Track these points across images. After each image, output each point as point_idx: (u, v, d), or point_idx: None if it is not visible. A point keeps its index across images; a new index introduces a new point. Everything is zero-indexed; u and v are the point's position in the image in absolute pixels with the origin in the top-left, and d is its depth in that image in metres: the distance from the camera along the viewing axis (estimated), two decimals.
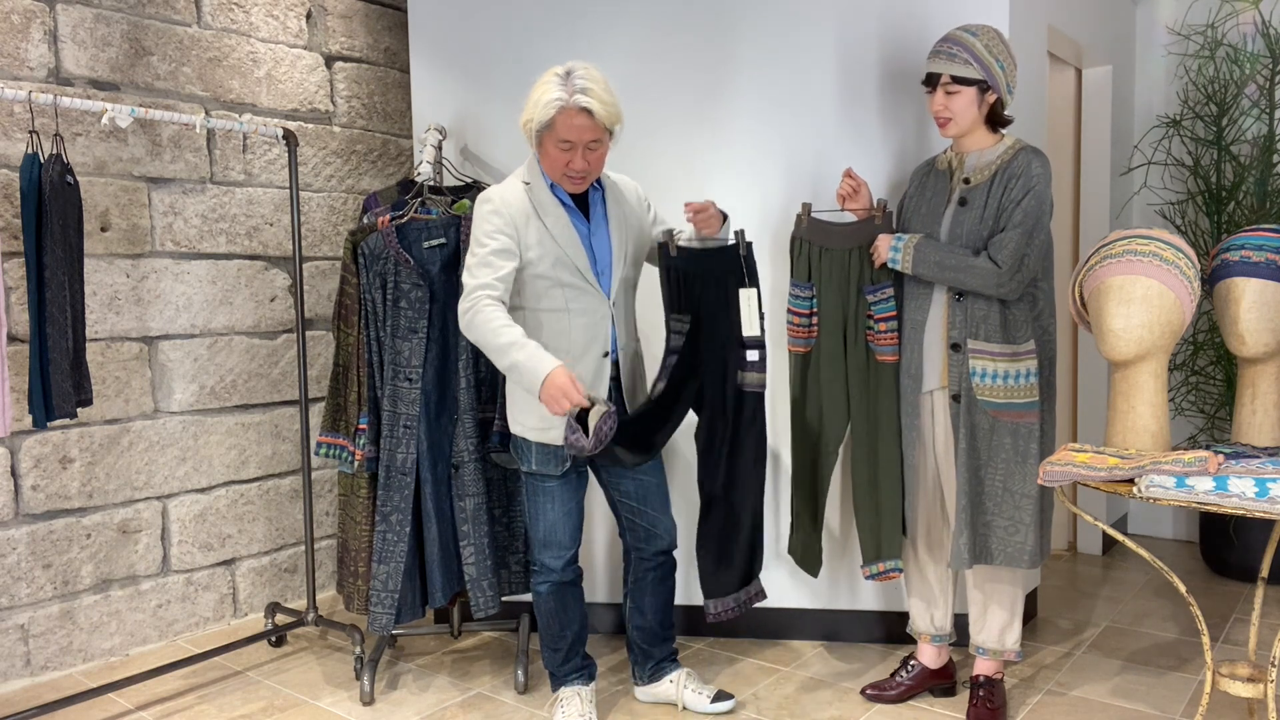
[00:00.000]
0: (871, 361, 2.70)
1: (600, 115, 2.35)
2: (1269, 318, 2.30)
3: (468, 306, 2.38)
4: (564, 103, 2.32)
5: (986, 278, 2.47)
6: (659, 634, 2.78)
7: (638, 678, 2.82)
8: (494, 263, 2.40)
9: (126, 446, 3.23)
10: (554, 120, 2.35)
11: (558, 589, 2.63)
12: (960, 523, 2.55)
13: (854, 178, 2.72)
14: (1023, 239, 2.46)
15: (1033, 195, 2.47)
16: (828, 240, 2.71)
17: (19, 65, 2.94)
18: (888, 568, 2.73)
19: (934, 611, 2.78)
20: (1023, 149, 2.54)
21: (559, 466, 2.54)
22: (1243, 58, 3.99)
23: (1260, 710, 2.56)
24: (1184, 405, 4.23)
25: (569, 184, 2.45)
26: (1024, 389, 2.54)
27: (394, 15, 4.02)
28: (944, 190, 2.62)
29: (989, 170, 2.55)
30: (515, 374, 2.33)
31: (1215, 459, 1.96)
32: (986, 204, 2.52)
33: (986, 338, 2.54)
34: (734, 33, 3.13)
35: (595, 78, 2.37)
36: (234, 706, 2.87)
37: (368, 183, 3.95)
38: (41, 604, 3.04)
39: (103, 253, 3.15)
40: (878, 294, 2.65)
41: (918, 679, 2.80)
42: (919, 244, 2.55)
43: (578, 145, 2.37)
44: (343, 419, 2.98)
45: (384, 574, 2.82)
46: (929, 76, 2.54)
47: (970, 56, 2.48)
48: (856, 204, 2.71)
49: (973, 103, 2.51)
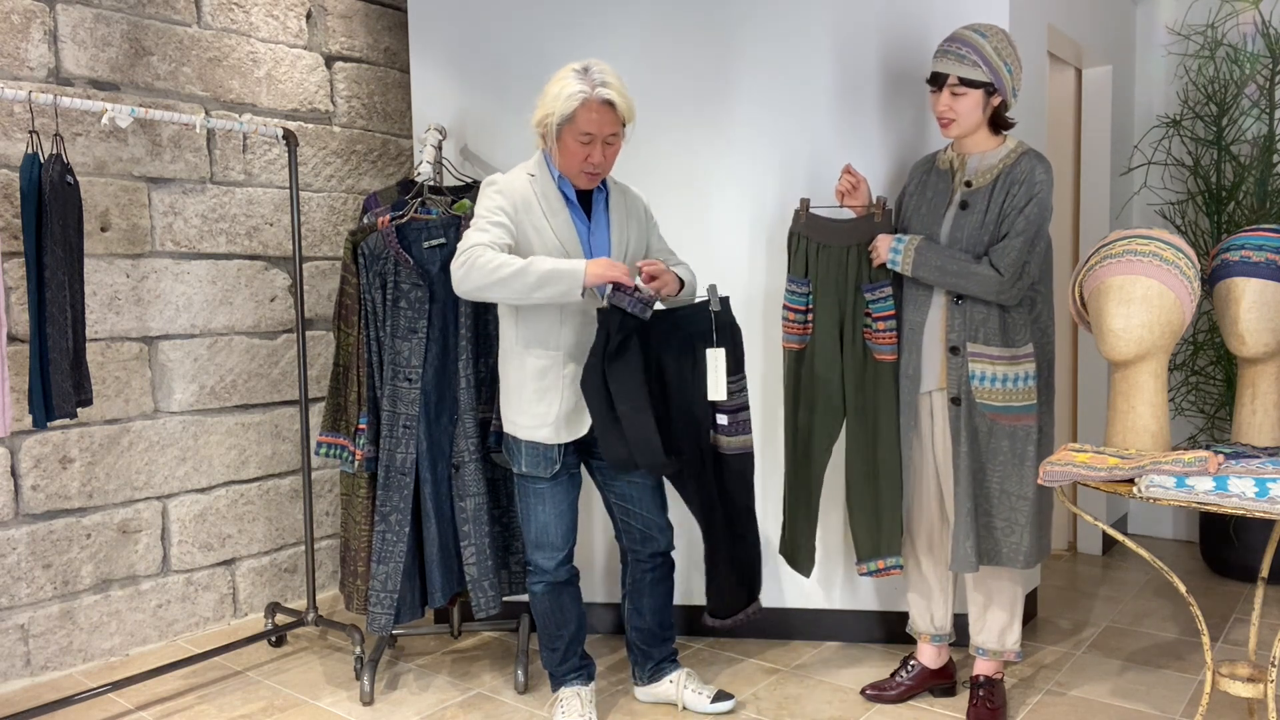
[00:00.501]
0: (869, 360, 2.69)
1: (621, 108, 2.39)
2: (1269, 318, 2.30)
3: (462, 260, 2.34)
4: (587, 95, 2.34)
5: (987, 285, 2.46)
6: (658, 635, 2.78)
7: (637, 678, 2.82)
8: (490, 230, 2.40)
9: (126, 446, 3.23)
10: (575, 113, 2.36)
11: (552, 589, 2.63)
12: (964, 527, 2.55)
13: (853, 174, 2.70)
14: (1025, 247, 2.45)
15: (1036, 203, 2.46)
16: (826, 237, 2.70)
17: (19, 65, 2.94)
18: (888, 564, 2.72)
19: (934, 611, 2.78)
20: (1026, 153, 2.53)
21: (548, 469, 2.53)
22: (1243, 58, 3.99)
23: (1260, 710, 2.56)
24: (1184, 405, 4.23)
25: (584, 180, 2.46)
26: (1022, 392, 2.54)
27: (394, 15, 4.02)
28: (945, 191, 2.61)
29: (991, 173, 2.54)
30: (551, 282, 2.29)
31: (1215, 459, 1.96)
32: (988, 208, 2.51)
33: (985, 341, 2.54)
34: (734, 32, 3.13)
35: (612, 72, 2.40)
36: (234, 706, 2.87)
37: (368, 183, 3.95)
38: (41, 604, 3.04)
39: (103, 253, 3.15)
40: (876, 293, 2.64)
41: (918, 679, 2.80)
42: (920, 246, 2.54)
43: (598, 139, 2.38)
44: (343, 419, 2.98)
45: (383, 574, 2.82)
46: (934, 75, 2.52)
47: (979, 59, 2.46)
48: (855, 201, 2.69)
49: (978, 105, 2.50)
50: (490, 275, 2.31)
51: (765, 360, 3.16)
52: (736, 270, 3.16)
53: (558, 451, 2.53)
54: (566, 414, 2.50)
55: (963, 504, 2.56)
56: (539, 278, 2.30)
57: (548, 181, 2.48)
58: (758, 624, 3.27)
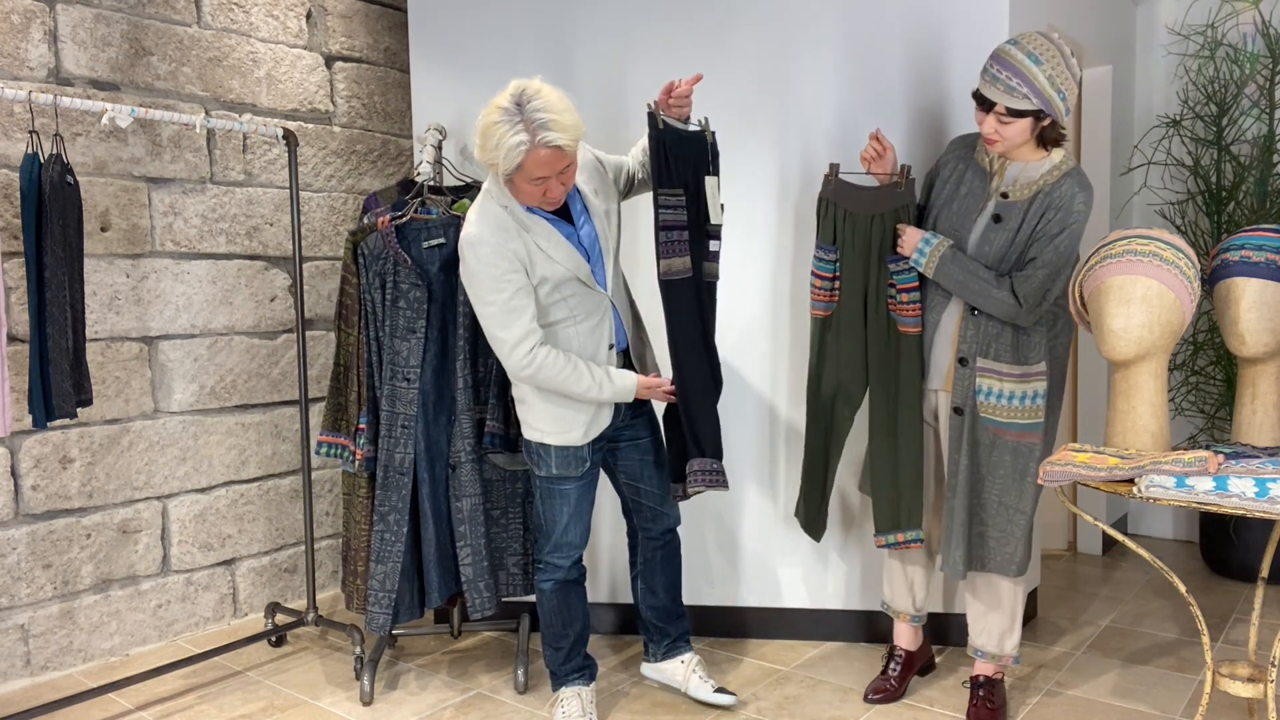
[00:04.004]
0: (892, 330, 2.64)
1: (569, 146, 2.22)
2: (1269, 318, 2.30)
3: (525, 363, 2.38)
4: (528, 146, 2.19)
5: (1005, 310, 2.44)
6: (673, 610, 2.82)
7: (651, 654, 2.85)
8: (518, 307, 2.36)
9: (126, 446, 3.23)
10: (523, 165, 2.22)
11: (561, 586, 2.64)
12: (957, 535, 2.56)
13: (881, 140, 2.61)
14: (1049, 279, 2.41)
15: (1068, 234, 2.40)
16: (852, 204, 2.64)
17: (19, 65, 2.94)
18: (908, 537, 2.67)
19: (916, 592, 2.80)
20: (1070, 173, 2.44)
21: (579, 467, 2.54)
22: (1243, 58, 3.99)
23: (1260, 710, 2.56)
24: (1184, 405, 4.23)
25: (547, 208, 2.38)
26: (1029, 410, 2.51)
27: (394, 15, 4.02)
28: (980, 194, 2.53)
29: (1031, 189, 2.46)
30: (616, 398, 2.49)
31: (1215, 459, 1.96)
32: (1020, 227, 2.45)
33: (997, 356, 2.51)
34: (736, 16, 3.12)
35: (551, 103, 2.21)
36: (234, 706, 2.87)
37: (368, 183, 3.95)
38: (41, 604, 3.04)
39: (103, 253, 3.15)
40: (899, 263, 2.59)
41: (906, 666, 2.84)
42: (945, 255, 2.49)
43: (551, 176, 2.27)
44: (344, 418, 2.98)
45: (381, 574, 2.82)
46: (980, 98, 2.40)
47: (1029, 91, 2.32)
48: (881, 168, 2.62)
49: (1026, 129, 2.39)
50: (562, 388, 2.43)
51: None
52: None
53: (588, 450, 2.54)
54: (593, 414, 2.52)
55: (958, 514, 2.55)
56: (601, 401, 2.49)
57: (520, 207, 2.38)
58: (758, 624, 3.28)
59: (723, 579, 3.28)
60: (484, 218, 2.38)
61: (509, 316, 2.35)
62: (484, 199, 2.42)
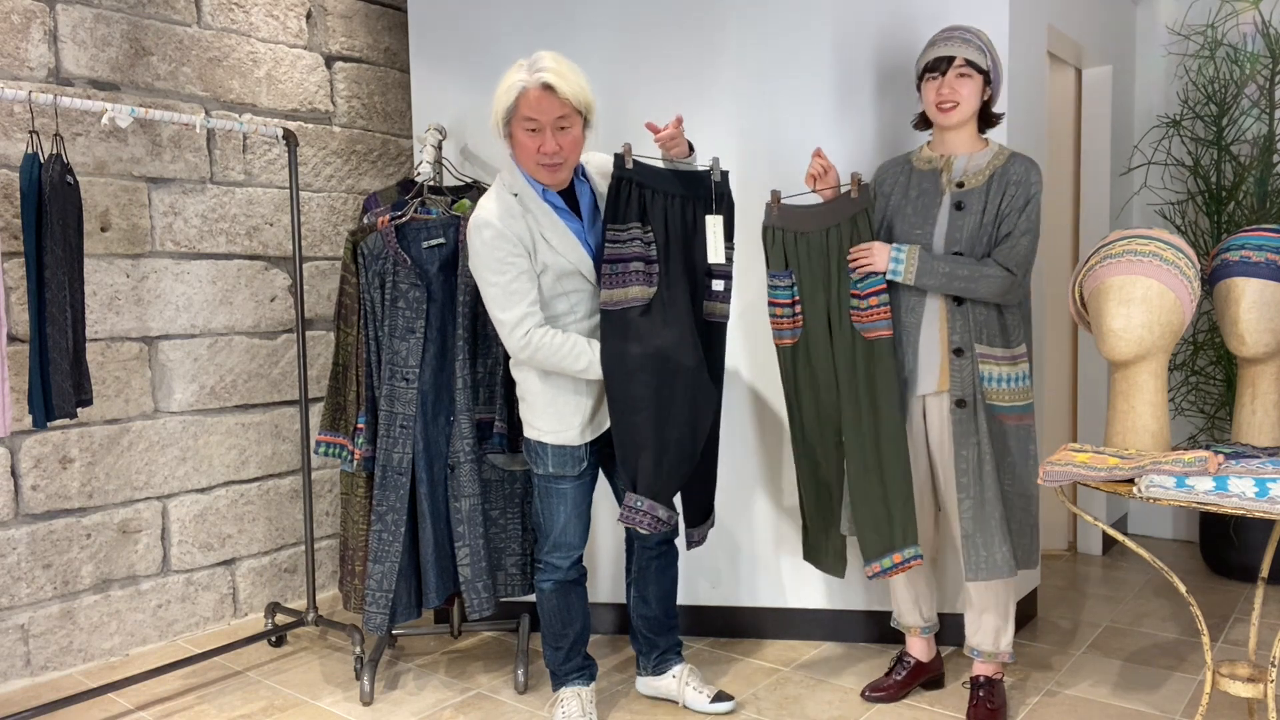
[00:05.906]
0: (859, 343, 2.57)
1: (563, 90, 2.31)
2: (1269, 318, 2.30)
3: (523, 344, 2.40)
4: (525, 83, 2.32)
5: (998, 285, 2.46)
6: (664, 622, 2.80)
7: (642, 668, 2.83)
8: (519, 290, 2.39)
9: (126, 446, 3.23)
10: (517, 103, 2.33)
11: (561, 587, 2.64)
12: (993, 532, 2.51)
13: (823, 158, 2.63)
14: (1032, 246, 2.48)
15: (1034, 203, 2.49)
16: (803, 225, 2.62)
17: (19, 65, 2.94)
18: (906, 556, 2.58)
19: (922, 605, 2.80)
20: (1015, 155, 2.55)
21: (575, 467, 2.54)
22: (1243, 58, 3.99)
23: (1260, 710, 2.56)
24: (1184, 405, 4.23)
25: (545, 174, 2.39)
26: (1022, 391, 2.55)
27: (394, 15, 4.02)
28: (933, 191, 2.58)
29: (983, 175, 2.53)
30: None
31: (1215, 459, 1.96)
32: (985, 209, 2.51)
33: (989, 342, 2.53)
34: (725, 30, 3.13)
35: (559, 60, 2.35)
36: (234, 706, 2.87)
37: (368, 183, 3.95)
38: (41, 604, 3.04)
39: (103, 253, 3.15)
40: (869, 278, 2.56)
41: (912, 673, 2.82)
42: (922, 255, 2.50)
43: (544, 125, 2.33)
44: (343, 418, 2.98)
45: (379, 574, 2.82)
46: (936, 61, 2.50)
47: (982, 45, 2.50)
48: (826, 183, 2.63)
49: (977, 92, 2.51)
50: (559, 365, 2.44)
51: (761, 361, 3.16)
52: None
53: (585, 449, 2.55)
54: (591, 414, 2.52)
55: (989, 508, 2.51)
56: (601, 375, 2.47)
57: (531, 196, 2.42)
58: (758, 624, 3.27)
59: (723, 579, 3.28)
60: (493, 202, 2.45)
61: (510, 299, 2.40)
62: (496, 185, 2.49)
